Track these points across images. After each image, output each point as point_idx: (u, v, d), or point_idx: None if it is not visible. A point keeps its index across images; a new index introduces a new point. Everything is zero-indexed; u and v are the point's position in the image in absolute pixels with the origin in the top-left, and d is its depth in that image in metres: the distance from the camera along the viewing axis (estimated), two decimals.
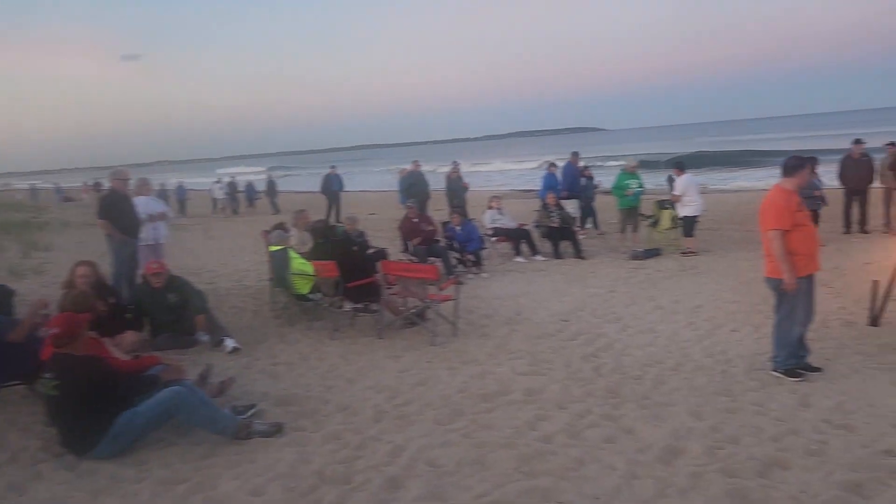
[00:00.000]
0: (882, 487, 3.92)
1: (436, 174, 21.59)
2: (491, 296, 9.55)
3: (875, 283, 7.09)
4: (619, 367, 6.26)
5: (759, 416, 5.00)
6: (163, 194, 25.90)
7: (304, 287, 8.26)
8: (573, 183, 14.70)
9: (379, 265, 8.35)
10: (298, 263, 8.26)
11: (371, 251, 10.01)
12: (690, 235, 12.01)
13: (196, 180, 52.77)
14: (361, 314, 8.12)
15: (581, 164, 15.51)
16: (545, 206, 12.82)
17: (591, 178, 15.30)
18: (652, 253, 11.92)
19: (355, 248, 9.15)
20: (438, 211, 16.17)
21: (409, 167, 17.42)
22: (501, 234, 12.62)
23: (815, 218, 11.25)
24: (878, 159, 12.73)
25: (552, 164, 15.81)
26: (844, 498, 3.84)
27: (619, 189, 12.99)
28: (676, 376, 5.94)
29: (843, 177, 12.94)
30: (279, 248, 8.50)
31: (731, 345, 6.75)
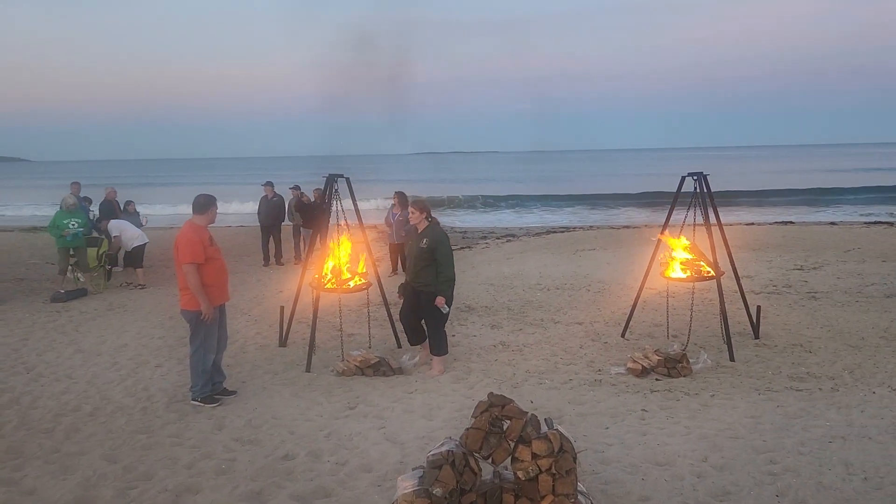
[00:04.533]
0: (278, 490, 4.45)
1: None
2: None
3: (282, 309, 8.05)
4: (26, 422, 5.65)
5: (175, 446, 5.14)
6: None
7: None
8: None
9: None
10: None
11: None
12: (140, 266, 12.22)
13: None
14: None
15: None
16: None
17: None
18: (76, 294, 11.14)
19: None
20: None
21: None
22: None
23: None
24: (288, 200, 14.52)
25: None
26: None
27: (55, 228, 11.63)
28: (93, 421, 5.67)
29: (259, 215, 14.37)
30: None
31: (155, 380, 6.77)
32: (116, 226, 12.13)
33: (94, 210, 13.83)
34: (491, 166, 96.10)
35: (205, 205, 6.09)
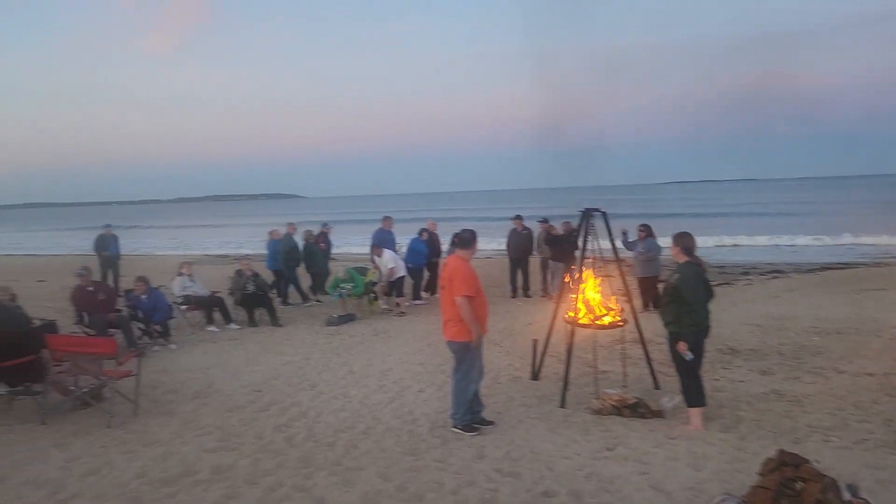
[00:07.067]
0: None
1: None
2: (179, 369, 8.95)
3: (535, 342, 8.09)
4: (312, 434, 6.26)
5: (440, 471, 5.34)
6: None
7: None
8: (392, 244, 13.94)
9: (45, 340, 7.33)
10: None
11: (37, 324, 8.77)
12: (401, 295, 13.21)
13: None
14: (21, 397, 7.05)
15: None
16: (239, 273, 12.50)
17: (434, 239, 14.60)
18: (346, 319, 12.24)
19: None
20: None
21: (282, 229, 14.98)
22: (192, 301, 11.98)
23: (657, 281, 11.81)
24: (536, 233, 14.69)
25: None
26: None
27: (333, 288, 13.23)
28: (367, 440, 6.11)
29: (508, 247, 14.72)
30: None
31: (418, 405, 7.14)
32: (392, 257, 13.10)
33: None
34: (749, 195, 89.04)
35: (469, 240, 6.36)
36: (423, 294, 14.18)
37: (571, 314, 7.25)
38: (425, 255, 13.92)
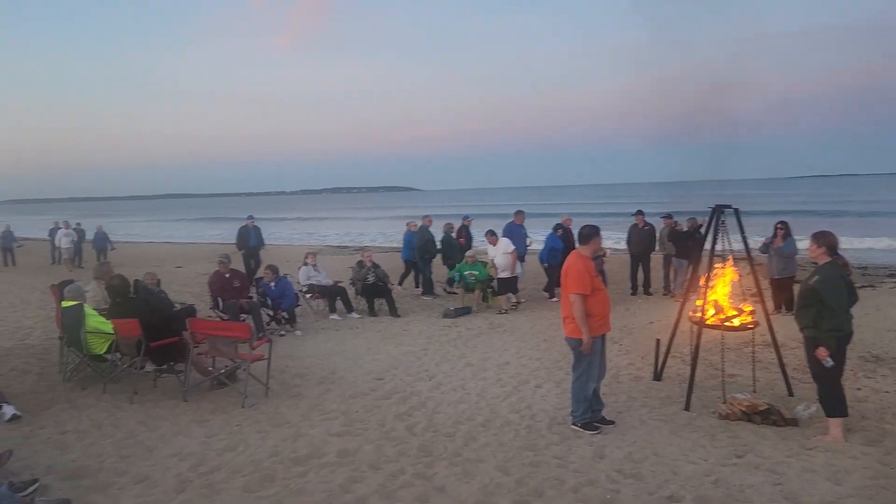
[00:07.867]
0: None
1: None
2: (304, 354, 9.36)
3: (657, 342, 7.86)
4: (432, 424, 6.37)
5: (560, 468, 5.30)
6: None
7: (100, 346, 7.58)
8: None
9: (186, 323, 7.88)
10: (95, 321, 7.57)
11: (178, 308, 9.45)
12: (517, 291, 13.13)
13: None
14: (165, 375, 7.61)
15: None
16: (360, 263, 12.89)
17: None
18: (463, 311, 12.36)
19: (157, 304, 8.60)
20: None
21: (420, 222, 15.13)
22: (316, 290, 12.48)
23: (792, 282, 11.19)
24: (659, 229, 14.23)
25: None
26: None
27: (457, 273, 13.33)
28: (486, 432, 6.15)
29: (629, 243, 14.34)
30: (73, 303, 7.75)
31: (536, 400, 7.11)
32: (507, 244, 12.99)
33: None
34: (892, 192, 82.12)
35: (588, 235, 6.23)
36: (544, 293, 13.97)
37: (697, 314, 6.98)
38: (561, 252, 13.64)
